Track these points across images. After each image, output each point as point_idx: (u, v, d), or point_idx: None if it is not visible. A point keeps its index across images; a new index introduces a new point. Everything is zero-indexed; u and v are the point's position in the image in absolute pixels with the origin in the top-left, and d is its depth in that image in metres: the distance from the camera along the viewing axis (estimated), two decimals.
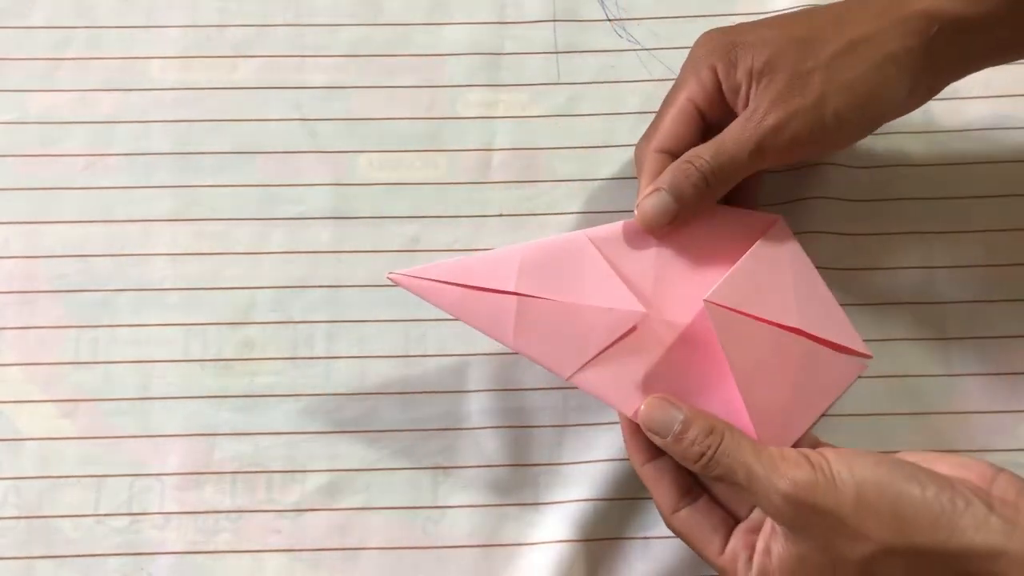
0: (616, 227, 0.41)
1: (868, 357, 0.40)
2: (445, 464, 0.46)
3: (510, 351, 0.47)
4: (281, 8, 0.54)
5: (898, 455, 0.36)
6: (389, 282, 0.41)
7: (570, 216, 0.49)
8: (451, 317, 0.47)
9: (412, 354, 0.47)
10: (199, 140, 0.51)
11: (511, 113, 0.52)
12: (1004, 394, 0.47)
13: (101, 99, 0.52)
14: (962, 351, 0.47)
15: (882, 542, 0.33)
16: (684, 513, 0.39)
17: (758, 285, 0.39)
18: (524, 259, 0.40)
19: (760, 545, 0.37)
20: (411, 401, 0.47)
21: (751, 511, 0.39)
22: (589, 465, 0.46)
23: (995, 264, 0.48)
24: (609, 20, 0.54)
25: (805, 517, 0.34)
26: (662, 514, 0.40)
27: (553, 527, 0.45)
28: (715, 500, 0.40)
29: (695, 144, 0.41)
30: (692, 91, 0.42)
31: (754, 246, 0.40)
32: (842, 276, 0.48)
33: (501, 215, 0.50)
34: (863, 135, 0.43)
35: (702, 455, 0.36)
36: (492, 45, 0.53)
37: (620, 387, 0.39)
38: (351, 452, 0.46)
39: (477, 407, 0.46)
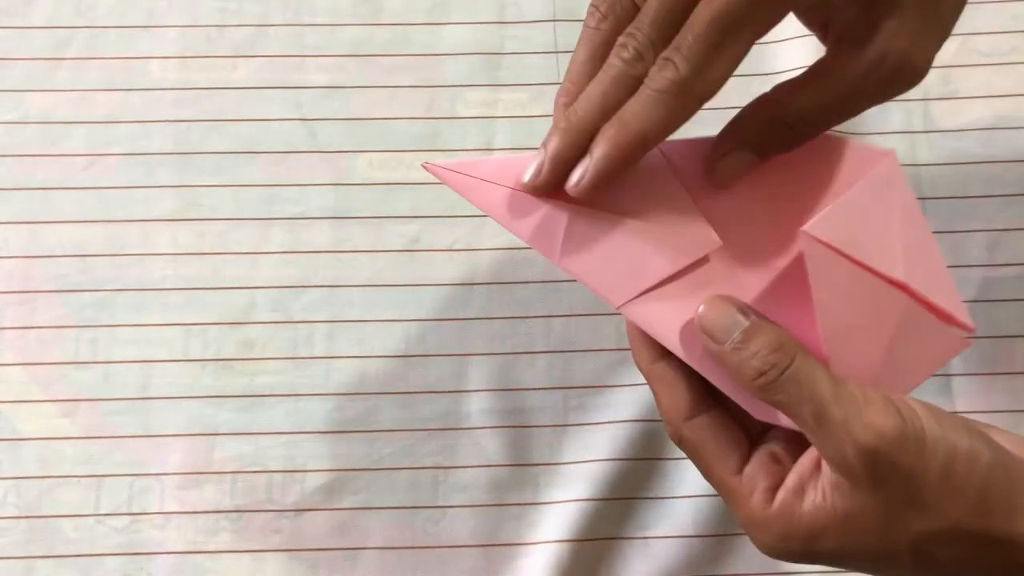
0: (696, 143, 0.34)
1: (971, 331, 0.34)
2: (445, 464, 0.46)
3: (509, 351, 0.47)
4: (281, 8, 0.54)
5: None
6: (389, 282, 0.41)
7: None
8: (454, 318, 0.46)
9: (412, 354, 0.47)
10: (199, 140, 0.51)
11: (511, 113, 0.52)
12: (1004, 394, 0.47)
13: (101, 99, 0.52)
14: (962, 351, 0.47)
15: (955, 521, 0.29)
16: (700, 421, 0.33)
17: (863, 225, 0.33)
18: None
19: (792, 483, 0.31)
20: (411, 401, 0.47)
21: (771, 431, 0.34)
22: (589, 465, 0.46)
23: (995, 264, 0.48)
24: None
25: (880, 475, 0.29)
26: (669, 423, 0.33)
27: (553, 527, 0.45)
28: (731, 413, 0.34)
29: None
30: (762, 29, 0.31)
31: (862, 180, 0.33)
32: None
33: None
34: None
35: (762, 373, 0.30)
36: (492, 45, 0.53)
37: (675, 328, 0.33)
38: (351, 452, 0.46)
39: (477, 407, 0.46)
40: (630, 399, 0.46)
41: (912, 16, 0.31)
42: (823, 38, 0.34)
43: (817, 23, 0.34)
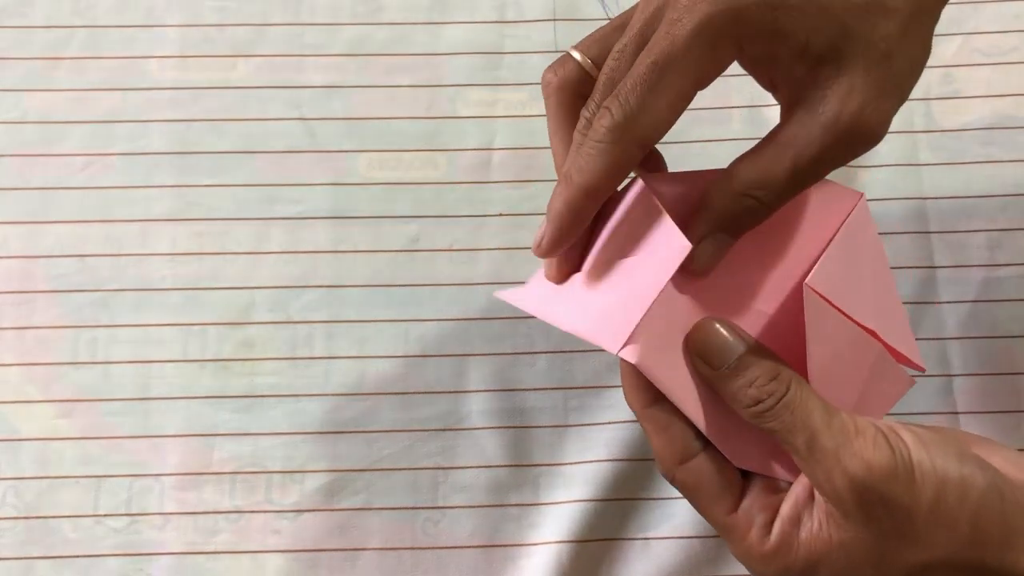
0: (686, 178, 0.34)
1: (921, 370, 0.36)
2: (445, 464, 0.46)
3: (509, 351, 0.47)
4: (281, 8, 0.54)
5: (957, 437, 0.32)
6: (389, 282, 0.40)
7: None
8: (454, 318, 0.46)
9: (412, 354, 0.47)
10: (198, 140, 0.51)
11: (511, 113, 0.52)
12: (1004, 394, 0.47)
13: (100, 99, 0.52)
14: (962, 351, 0.47)
15: (948, 554, 0.29)
16: (693, 464, 0.33)
17: (846, 275, 0.34)
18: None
19: (788, 512, 0.31)
20: (411, 401, 0.47)
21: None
22: (589, 465, 0.45)
23: (995, 264, 0.48)
24: (609, 19, 0.53)
25: (869, 507, 0.29)
26: (663, 465, 0.33)
27: (553, 527, 0.45)
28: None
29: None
30: (704, 72, 0.30)
31: (843, 228, 0.34)
32: None
33: (501, 215, 0.50)
34: None
35: (759, 401, 0.30)
36: (492, 44, 0.53)
37: (672, 374, 0.32)
38: (351, 452, 0.46)
39: (477, 407, 0.46)
40: None
41: (862, 76, 0.30)
42: (776, 96, 0.33)
43: (767, 80, 0.33)
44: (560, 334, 0.47)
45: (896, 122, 0.45)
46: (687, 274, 0.32)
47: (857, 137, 0.30)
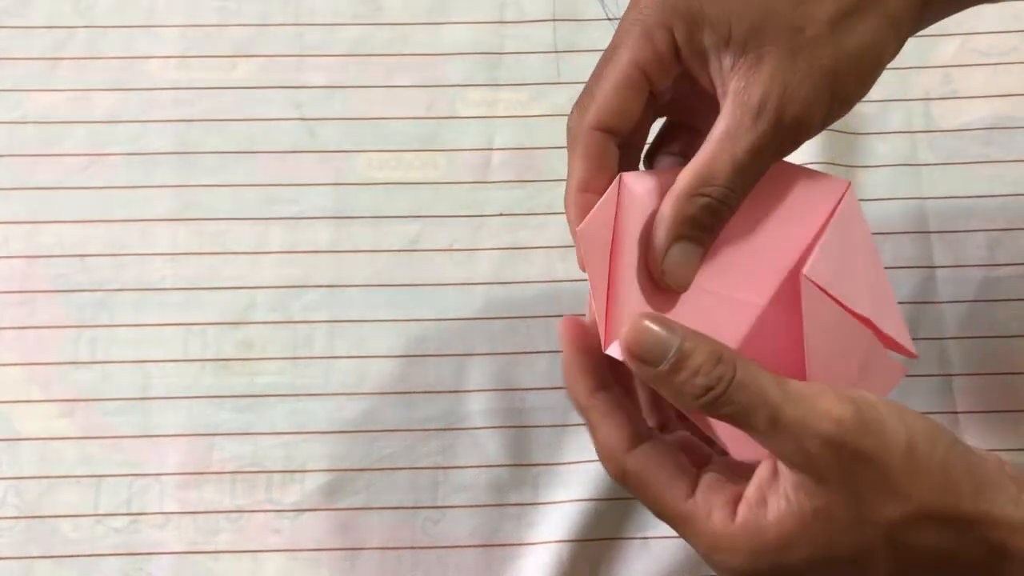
0: (656, 180, 0.33)
1: (913, 356, 0.36)
2: (445, 464, 0.46)
3: (509, 351, 0.47)
4: (281, 8, 0.54)
5: None
6: (389, 282, 0.40)
7: None
8: (454, 318, 0.46)
9: (412, 354, 0.47)
10: (199, 140, 0.51)
11: (511, 113, 0.52)
12: (1004, 394, 0.47)
13: (100, 99, 0.52)
14: (962, 351, 0.47)
15: (923, 504, 0.29)
16: (643, 450, 0.31)
17: (840, 264, 0.33)
18: None
19: (752, 495, 0.30)
20: (411, 401, 0.47)
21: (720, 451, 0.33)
22: (588, 465, 0.45)
23: (995, 264, 0.48)
24: (609, 19, 0.54)
25: (845, 464, 0.28)
26: (611, 455, 0.32)
27: (553, 527, 0.45)
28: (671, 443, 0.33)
29: (641, 121, 0.33)
30: (641, 55, 0.32)
31: (834, 218, 0.33)
32: None
33: (501, 215, 0.50)
34: (846, 113, 0.34)
35: (708, 389, 0.29)
36: (492, 45, 0.53)
37: None
38: (351, 452, 0.46)
39: (477, 407, 0.46)
40: None
41: (786, 60, 0.30)
42: (718, 98, 0.33)
43: (708, 82, 0.33)
44: None
45: (896, 122, 0.45)
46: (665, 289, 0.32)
47: (787, 123, 0.30)
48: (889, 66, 0.33)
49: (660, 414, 0.36)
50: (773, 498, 0.30)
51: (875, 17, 0.31)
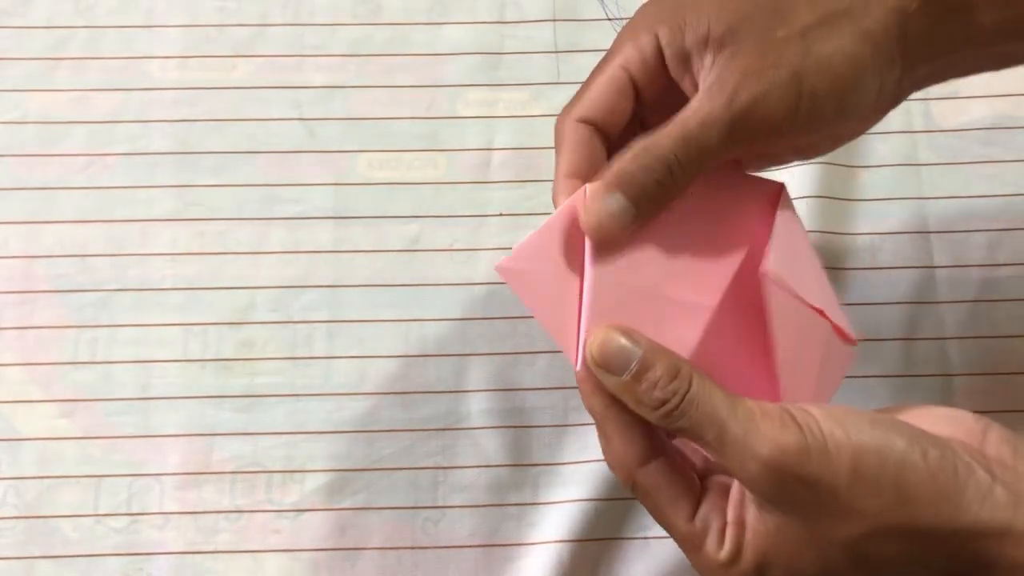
0: None
1: (854, 343, 0.36)
2: (445, 464, 0.46)
3: (509, 351, 0.47)
4: (281, 8, 0.54)
5: (883, 412, 0.32)
6: (389, 282, 0.40)
7: None
8: (454, 318, 0.46)
9: (412, 354, 0.47)
10: (199, 140, 0.51)
11: (511, 113, 0.52)
12: (1004, 394, 0.47)
13: (100, 99, 0.52)
14: (962, 351, 0.47)
15: (879, 520, 0.29)
16: (653, 467, 0.32)
17: (791, 260, 0.34)
18: None
19: (731, 515, 0.31)
20: (411, 401, 0.47)
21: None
22: (588, 465, 0.46)
23: (995, 264, 0.49)
24: (609, 19, 0.54)
25: (788, 489, 0.29)
26: (623, 468, 0.32)
27: (553, 527, 0.45)
28: (682, 457, 0.34)
29: (625, 118, 0.34)
30: (627, 57, 0.34)
31: (777, 217, 0.35)
32: (842, 276, 0.48)
33: (501, 215, 0.50)
34: (828, 128, 0.35)
35: (664, 402, 0.30)
36: (492, 45, 0.53)
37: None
38: (351, 452, 0.46)
39: (477, 407, 0.46)
40: None
41: (755, 57, 0.32)
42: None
43: (692, 87, 0.34)
44: None
45: (896, 122, 0.45)
46: (596, 244, 0.32)
47: (739, 104, 0.32)
48: None
49: None
50: (748, 517, 0.31)
51: (847, 30, 0.32)
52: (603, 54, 0.35)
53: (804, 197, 0.49)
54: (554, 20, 0.54)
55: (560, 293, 0.32)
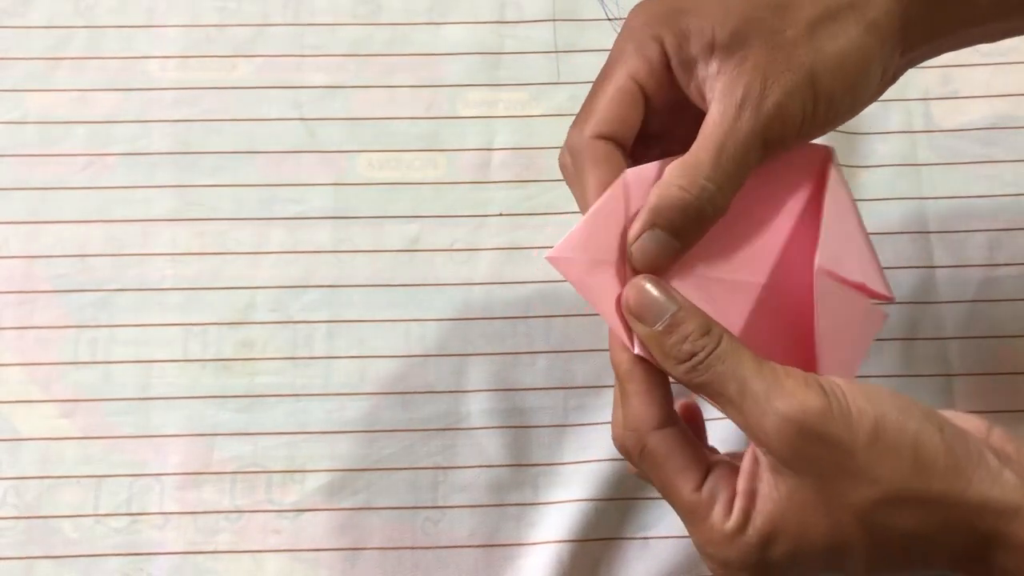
0: (653, 168, 0.34)
1: (892, 300, 0.36)
2: (445, 464, 0.46)
3: (509, 351, 0.47)
4: (281, 8, 0.54)
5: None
6: (389, 282, 0.40)
7: (570, 216, 0.49)
8: (454, 318, 0.47)
9: (412, 354, 0.47)
10: (199, 140, 0.51)
11: (511, 113, 0.52)
12: (1004, 394, 0.47)
13: (100, 99, 0.52)
14: (962, 351, 0.47)
15: (893, 487, 0.29)
16: (667, 432, 0.32)
17: (838, 240, 0.34)
18: None
19: (742, 486, 0.31)
20: (411, 401, 0.47)
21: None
22: (588, 465, 0.46)
23: (994, 264, 0.49)
24: (609, 19, 0.54)
25: (808, 448, 0.29)
26: (636, 428, 0.33)
27: (553, 527, 0.45)
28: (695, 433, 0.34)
29: (637, 128, 0.34)
30: (634, 67, 0.33)
31: (827, 192, 0.34)
32: None
33: (501, 215, 0.50)
34: (838, 125, 0.35)
35: (692, 355, 0.31)
36: (492, 45, 0.53)
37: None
38: (351, 452, 0.46)
39: (477, 407, 0.46)
40: None
41: (765, 59, 0.32)
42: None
43: (699, 96, 0.33)
44: (560, 334, 0.48)
45: (896, 122, 0.45)
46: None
47: (767, 112, 0.31)
48: None
49: None
50: (760, 485, 0.30)
51: (854, 23, 0.32)
52: (603, 54, 0.35)
53: None
54: (554, 20, 0.54)
55: (608, 279, 0.33)
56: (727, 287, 0.34)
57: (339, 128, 0.51)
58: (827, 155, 0.35)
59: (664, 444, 0.32)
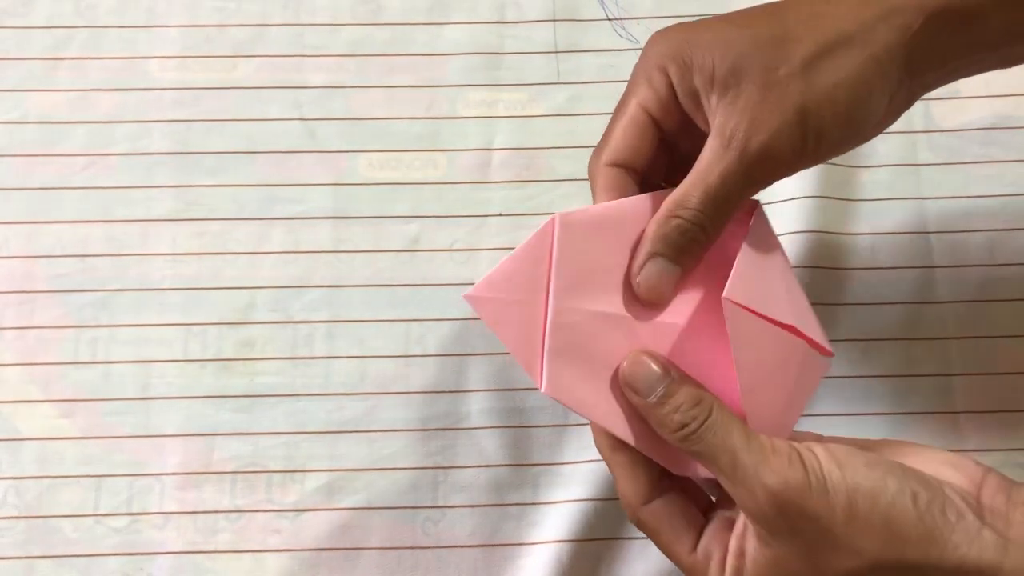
0: (587, 213, 0.35)
1: (830, 355, 0.38)
2: (445, 464, 0.46)
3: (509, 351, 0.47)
4: (281, 8, 0.54)
5: (884, 449, 0.34)
6: (389, 282, 0.41)
7: None
8: (454, 318, 0.47)
9: (412, 354, 0.47)
10: (199, 140, 0.51)
11: (511, 113, 0.52)
12: (1004, 394, 0.47)
13: (101, 99, 0.52)
14: (962, 351, 0.47)
15: (871, 557, 0.31)
16: (657, 504, 0.35)
17: (759, 279, 0.35)
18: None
19: (733, 546, 0.34)
20: (411, 401, 0.47)
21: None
22: (588, 465, 0.46)
23: (995, 264, 0.49)
24: (609, 19, 0.54)
25: (790, 520, 0.31)
26: (629, 506, 0.36)
27: (553, 527, 0.45)
28: (685, 493, 0.36)
29: (651, 153, 0.36)
30: (643, 96, 0.36)
31: (747, 235, 0.36)
32: (841, 276, 0.48)
33: (501, 215, 0.50)
34: (837, 154, 0.36)
35: (684, 426, 0.33)
36: (492, 45, 0.53)
37: (598, 401, 0.35)
38: (351, 452, 0.46)
39: (477, 407, 0.46)
40: None
41: (757, 96, 0.33)
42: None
43: (704, 121, 0.35)
44: None
45: (896, 122, 0.45)
46: (638, 302, 0.35)
47: (752, 152, 0.33)
48: None
49: None
50: (748, 547, 0.33)
51: (854, 56, 0.34)
52: (603, 54, 0.36)
53: (804, 197, 0.49)
54: (554, 20, 0.54)
55: (525, 319, 0.34)
56: (645, 328, 0.35)
57: (339, 128, 0.51)
58: (753, 207, 0.36)
59: (654, 517, 0.35)
